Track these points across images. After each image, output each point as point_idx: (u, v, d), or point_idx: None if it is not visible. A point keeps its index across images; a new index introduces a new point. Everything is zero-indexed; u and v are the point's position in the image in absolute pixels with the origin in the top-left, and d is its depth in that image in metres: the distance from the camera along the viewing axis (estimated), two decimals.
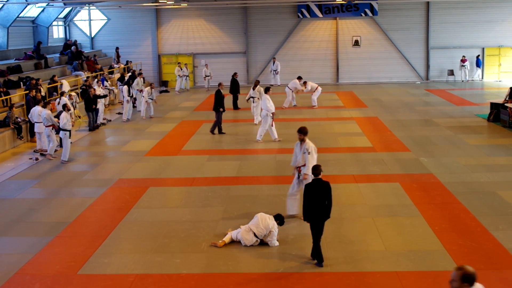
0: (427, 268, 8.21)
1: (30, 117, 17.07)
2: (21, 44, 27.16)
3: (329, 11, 32.15)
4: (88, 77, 24.00)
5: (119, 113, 23.18)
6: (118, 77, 26.31)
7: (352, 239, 9.35)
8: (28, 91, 18.93)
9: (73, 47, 27.87)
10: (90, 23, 33.50)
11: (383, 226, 9.91)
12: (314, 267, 8.32)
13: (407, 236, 9.45)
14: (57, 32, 32.53)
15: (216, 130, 18.58)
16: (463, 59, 31.70)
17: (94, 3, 30.41)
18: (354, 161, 14.55)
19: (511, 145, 15.99)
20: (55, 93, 21.26)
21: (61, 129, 15.51)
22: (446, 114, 21.45)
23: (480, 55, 32.10)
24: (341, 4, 31.54)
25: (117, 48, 31.90)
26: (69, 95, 20.16)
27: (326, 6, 31.93)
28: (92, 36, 33.60)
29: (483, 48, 32.34)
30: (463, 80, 31.93)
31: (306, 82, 24.15)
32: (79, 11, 33.09)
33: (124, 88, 22.35)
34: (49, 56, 26.61)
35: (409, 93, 27.92)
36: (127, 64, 30.77)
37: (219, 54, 32.96)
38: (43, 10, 28.47)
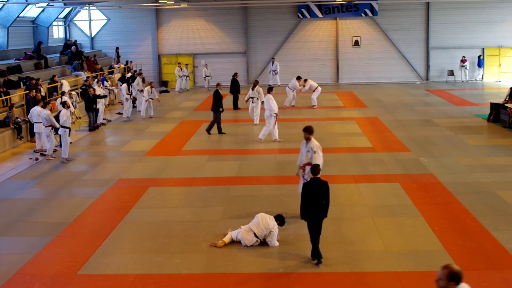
0: (427, 268, 8.20)
1: (30, 117, 17.08)
2: (21, 44, 27.15)
3: (329, 11, 32.15)
4: (88, 77, 23.99)
5: (119, 113, 23.19)
6: (119, 77, 26.29)
7: (352, 239, 9.36)
8: (28, 91, 18.93)
9: (73, 47, 27.86)
10: (90, 23, 33.49)
11: (383, 226, 9.91)
12: (314, 267, 8.33)
13: (407, 236, 9.45)
14: (57, 32, 32.52)
15: (216, 130, 18.58)
16: (463, 59, 31.70)
17: (94, 3, 30.40)
18: (354, 161, 14.55)
19: (511, 145, 16.00)
20: (55, 93, 21.27)
21: (61, 126, 15.51)
22: (446, 114, 21.45)
23: (482, 56, 32.11)
24: (341, 4, 31.53)
25: (117, 48, 31.88)
26: (69, 94, 20.18)
27: (326, 6, 31.93)
28: (92, 36, 33.60)
29: (483, 49, 32.33)
30: (463, 80, 31.93)
31: (307, 80, 24.22)
32: (79, 11, 33.08)
33: (123, 87, 22.36)
34: (49, 56, 26.59)
35: (409, 93, 27.93)
36: (127, 64, 30.78)
37: (219, 54, 32.96)
38: (43, 10, 28.46)
